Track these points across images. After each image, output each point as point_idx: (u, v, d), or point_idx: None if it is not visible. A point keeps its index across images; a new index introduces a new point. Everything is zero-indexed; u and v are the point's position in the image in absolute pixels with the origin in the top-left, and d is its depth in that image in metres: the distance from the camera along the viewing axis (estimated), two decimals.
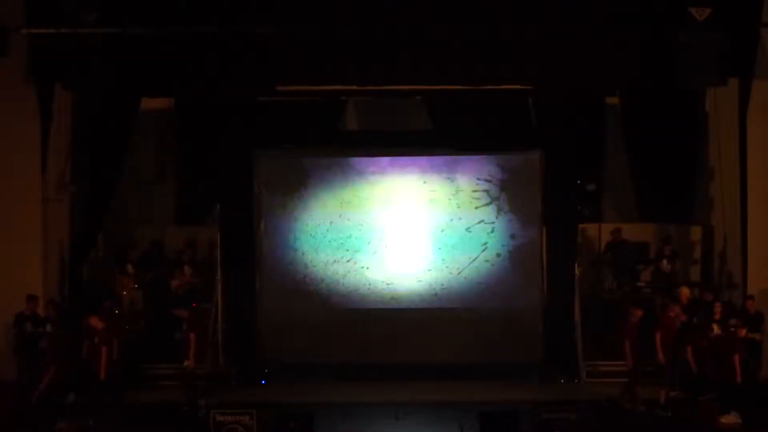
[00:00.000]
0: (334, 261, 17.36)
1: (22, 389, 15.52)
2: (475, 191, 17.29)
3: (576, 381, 16.62)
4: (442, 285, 17.31)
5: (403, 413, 14.57)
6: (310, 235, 17.38)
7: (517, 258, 17.24)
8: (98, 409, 14.75)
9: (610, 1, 15.60)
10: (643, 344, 16.11)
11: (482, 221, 17.29)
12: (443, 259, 17.30)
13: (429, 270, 17.34)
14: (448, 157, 17.34)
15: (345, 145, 17.76)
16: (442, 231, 17.33)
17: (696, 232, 18.65)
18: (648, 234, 18.67)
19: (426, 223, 17.36)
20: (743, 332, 15.04)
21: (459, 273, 17.28)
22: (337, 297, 17.37)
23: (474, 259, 17.27)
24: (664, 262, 17.65)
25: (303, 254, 17.37)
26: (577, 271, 16.98)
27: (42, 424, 14.28)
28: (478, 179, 17.30)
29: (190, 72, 16.00)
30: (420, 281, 17.35)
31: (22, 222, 16.41)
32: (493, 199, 17.28)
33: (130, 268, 17.84)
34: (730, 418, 14.38)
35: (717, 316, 15.76)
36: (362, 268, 17.34)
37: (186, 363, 15.89)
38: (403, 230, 17.37)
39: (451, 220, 17.32)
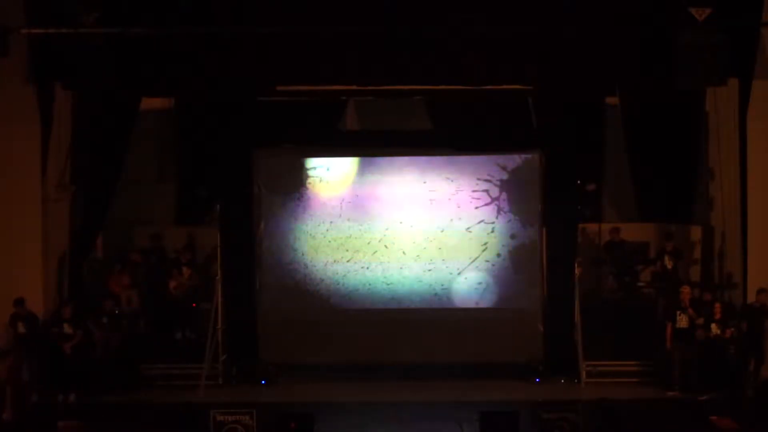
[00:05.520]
0: (334, 261, 17.36)
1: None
2: (475, 191, 17.29)
3: (576, 381, 16.61)
4: (442, 285, 17.31)
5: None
6: (310, 235, 17.38)
7: (517, 258, 17.24)
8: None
9: (610, 1, 15.60)
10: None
11: (482, 221, 17.29)
12: (443, 259, 17.30)
13: (429, 270, 17.33)
14: (448, 157, 17.34)
15: (345, 145, 17.75)
16: (442, 231, 17.32)
17: (696, 232, 18.62)
18: (648, 234, 18.66)
19: (426, 223, 17.35)
20: (728, 332, 15.41)
21: (459, 273, 17.29)
22: (337, 297, 17.38)
23: (474, 259, 17.27)
24: (666, 258, 17.63)
25: (303, 254, 17.38)
26: (577, 271, 16.97)
27: (42, 424, 14.28)
28: (478, 179, 17.30)
29: (190, 72, 16.01)
30: (420, 281, 17.34)
31: (22, 222, 16.36)
32: (493, 199, 17.28)
33: (128, 267, 17.82)
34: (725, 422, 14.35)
35: (717, 316, 15.79)
36: (362, 268, 17.35)
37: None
38: (402, 230, 17.37)
39: (451, 220, 17.32)
